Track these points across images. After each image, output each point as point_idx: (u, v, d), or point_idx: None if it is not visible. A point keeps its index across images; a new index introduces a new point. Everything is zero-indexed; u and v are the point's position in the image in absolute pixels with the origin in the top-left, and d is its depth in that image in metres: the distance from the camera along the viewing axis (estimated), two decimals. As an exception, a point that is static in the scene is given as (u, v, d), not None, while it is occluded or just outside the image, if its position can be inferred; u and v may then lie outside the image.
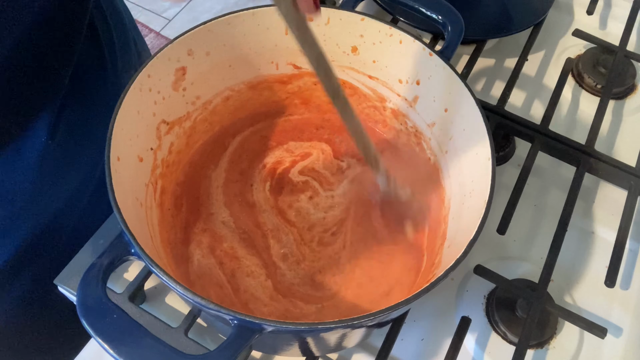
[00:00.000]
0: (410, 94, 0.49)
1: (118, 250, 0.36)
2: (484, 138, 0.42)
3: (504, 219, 0.50)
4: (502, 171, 0.57)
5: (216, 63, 0.48)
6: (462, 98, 0.44)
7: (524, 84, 0.63)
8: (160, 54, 0.43)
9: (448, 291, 0.50)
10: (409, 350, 0.47)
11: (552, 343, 0.48)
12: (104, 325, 0.33)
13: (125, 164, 0.40)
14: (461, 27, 0.49)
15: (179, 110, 0.48)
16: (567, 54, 0.66)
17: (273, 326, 0.33)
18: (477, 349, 0.47)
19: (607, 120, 0.61)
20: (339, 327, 0.34)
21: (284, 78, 0.52)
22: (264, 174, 0.51)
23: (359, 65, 0.50)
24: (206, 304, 0.33)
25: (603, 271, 0.49)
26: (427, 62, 0.46)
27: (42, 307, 0.57)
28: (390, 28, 0.47)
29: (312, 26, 0.35)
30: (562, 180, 0.56)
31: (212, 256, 0.46)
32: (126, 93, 0.41)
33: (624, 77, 0.63)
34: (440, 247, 0.45)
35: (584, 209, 0.55)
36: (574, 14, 0.70)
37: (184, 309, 0.47)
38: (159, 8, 1.83)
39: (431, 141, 0.49)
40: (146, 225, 0.42)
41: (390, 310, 0.34)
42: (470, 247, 0.36)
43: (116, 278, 0.48)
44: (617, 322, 0.49)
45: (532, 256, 0.52)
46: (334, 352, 0.46)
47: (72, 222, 0.55)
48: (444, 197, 0.47)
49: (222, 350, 0.33)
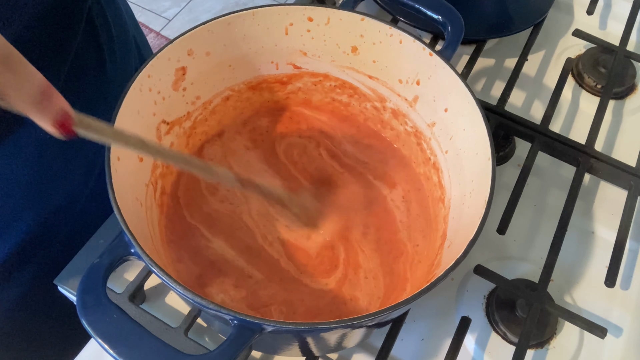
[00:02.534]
0: (410, 94, 0.49)
1: (118, 250, 0.36)
2: (484, 138, 0.42)
3: (504, 219, 0.51)
4: (502, 171, 0.57)
5: (216, 63, 0.48)
6: (462, 98, 0.44)
7: (524, 84, 0.63)
8: (160, 54, 0.43)
9: (448, 291, 0.50)
10: (409, 350, 0.47)
11: (552, 343, 0.48)
12: (104, 325, 0.33)
13: (125, 164, 0.40)
14: (461, 27, 0.49)
15: (179, 110, 0.48)
16: (567, 54, 0.66)
17: (273, 326, 0.33)
18: (477, 349, 0.47)
19: (607, 120, 0.61)
20: (339, 327, 0.34)
21: (284, 78, 0.52)
22: (264, 176, 0.51)
23: (359, 65, 0.50)
24: (206, 304, 0.33)
25: (603, 271, 0.49)
26: (427, 62, 0.46)
27: (42, 306, 0.57)
28: (390, 28, 0.47)
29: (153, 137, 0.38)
30: (562, 180, 0.56)
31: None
32: (126, 93, 0.41)
33: (624, 77, 0.63)
34: (440, 247, 0.45)
35: (584, 209, 0.55)
36: (574, 14, 0.70)
37: (184, 309, 0.47)
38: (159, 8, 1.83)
39: (431, 141, 0.49)
40: (146, 225, 0.42)
41: (390, 310, 0.34)
42: (470, 247, 0.36)
43: (116, 278, 0.48)
44: (617, 322, 0.49)
45: (532, 256, 0.52)
46: (334, 352, 0.46)
47: (72, 220, 0.55)
48: (444, 197, 0.47)
49: (222, 350, 0.33)
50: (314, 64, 0.51)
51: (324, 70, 0.51)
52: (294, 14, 0.47)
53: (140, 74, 0.42)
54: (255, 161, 0.52)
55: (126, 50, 0.61)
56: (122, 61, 0.59)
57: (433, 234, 0.48)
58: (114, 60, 0.58)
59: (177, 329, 0.44)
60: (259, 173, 0.51)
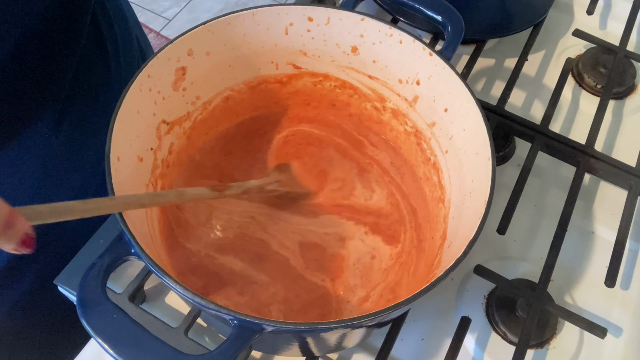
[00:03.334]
0: (410, 94, 0.49)
1: (118, 250, 0.36)
2: (484, 138, 0.42)
3: (504, 219, 0.51)
4: (502, 171, 0.57)
5: (216, 63, 0.48)
6: (462, 98, 0.44)
7: (524, 84, 0.63)
8: (160, 54, 0.43)
9: (448, 291, 0.50)
10: (409, 350, 0.47)
11: (552, 343, 0.48)
12: (104, 325, 0.33)
13: (125, 164, 0.40)
14: (461, 27, 0.49)
15: (179, 110, 0.48)
16: (567, 54, 0.66)
17: (273, 326, 0.33)
18: (477, 349, 0.47)
19: (607, 120, 0.61)
20: (339, 327, 0.34)
21: (284, 78, 0.52)
22: (265, 174, 0.51)
23: (359, 65, 0.50)
24: (206, 304, 0.33)
25: (603, 271, 0.49)
26: (427, 62, 0.46)
27: (42, 307, 0.57)
28: (390, 28, 0.47)
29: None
30: (562, 180, 0.56)
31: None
32: (126, 93, 0.41)
33: (624, 77, 0.63)
34: (440, 247, 0.45)
35: (584, 209, 0.55)
36: (574, 14, 0.70)
37: (184, 309, 0.47)
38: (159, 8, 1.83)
39: (431, 141, 0.49)
40: (146, 225, 0.42)
41: (390, 310, 0.34)
42: (470, 247, 0.36)
43: (116, 278, 0.48)
44: (617, 322, 0.49)
45: (532, 256, 0.52)
46: (334, 352, 0.46)
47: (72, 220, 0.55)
48: (444, 197, 0.47)
49: (222, 350, 0.33)
50: (314, 64, 0.51)
51: (324, 70, 0.51)
52: (294, 14, 0.47)
53: (140, 74, 0.42)
54: (255, 161, 0.52)
55: (129, 49, 0.61)
56: (125, 60, 0.59)
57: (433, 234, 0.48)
58: (118, 59, 0.58)
59: (177, 329, 0.44)
60: (259, 173, 0.51)
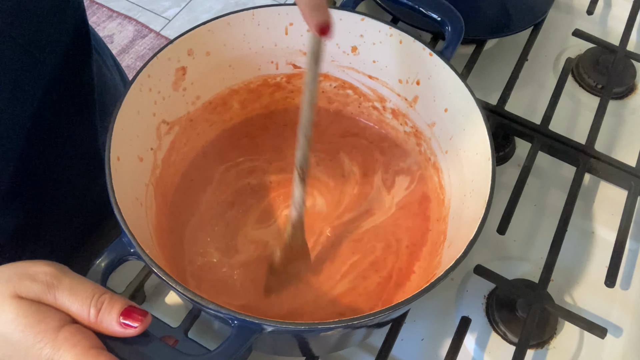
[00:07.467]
0: (410, 94, 0.49)
1: (118, 250, 0.36)
2: (484, 138, 0.42)
3: (504, 219, 0.50)
4: (502, 171, 0.57)
5: (216, 63, 0.48)
6: (462, 98, 0.44)
7: (524, 84, 0.63)
8: (160, 54, 0.43)
9: (448, 291, 0.50)
10: (409, 350, 0.47)
11: (552, 343, 0.48)
12: (104, 325, 0.33)
13: (126, 164, 0.40)
14: (461, 27, 0.49)
15: (179, 110, 0.48)
16: (567, 54, 0.66)
17: (273, 326, 0.33)
18: (477, 349, 0.47)
19: (607, 120, 0.60)
20: (339, 327, 0.34)
21: (284, 78, 0.52)
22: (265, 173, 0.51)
23: (359, 65, 0.50)
24: (206, 304, 0.33)
25: (603, 271, 0.49)
26: (427, 62, 0.46)
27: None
28: (390, 28, 0.47)
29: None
30: (562, 180, 0.56)
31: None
32: (126, 93, 0.41)
33: (624, 77, 0.63)
34: (440, 247, 0.45)
35: (584, 209, 0.55)
36: (574, 14, 0.70)
37: (184, 309, 0.47)
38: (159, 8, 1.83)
39: (431, 141, 0.49)
40: (146, 225, 0.42)
41: (390, 310, 0.34)
42: (470, 247, 0.36)
43: (116, 278, 0.48)
44: (617, 322, 0.49)
45: (532, 256, 0.52)
46: (334, 352, 0.46)
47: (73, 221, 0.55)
48: (444, 197, 0.47)
49: (222, 350, 0.33)
50: (314, 64, 0.51)
51: (324, 70, 0.51)
52: (294, 14, 0.47)
53: (140, 74, 0.42)
54: (255, 161, 0.52)
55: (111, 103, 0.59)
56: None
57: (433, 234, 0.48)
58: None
59: (177, 329, 0.44)
60: (259, 173, 0.51)
